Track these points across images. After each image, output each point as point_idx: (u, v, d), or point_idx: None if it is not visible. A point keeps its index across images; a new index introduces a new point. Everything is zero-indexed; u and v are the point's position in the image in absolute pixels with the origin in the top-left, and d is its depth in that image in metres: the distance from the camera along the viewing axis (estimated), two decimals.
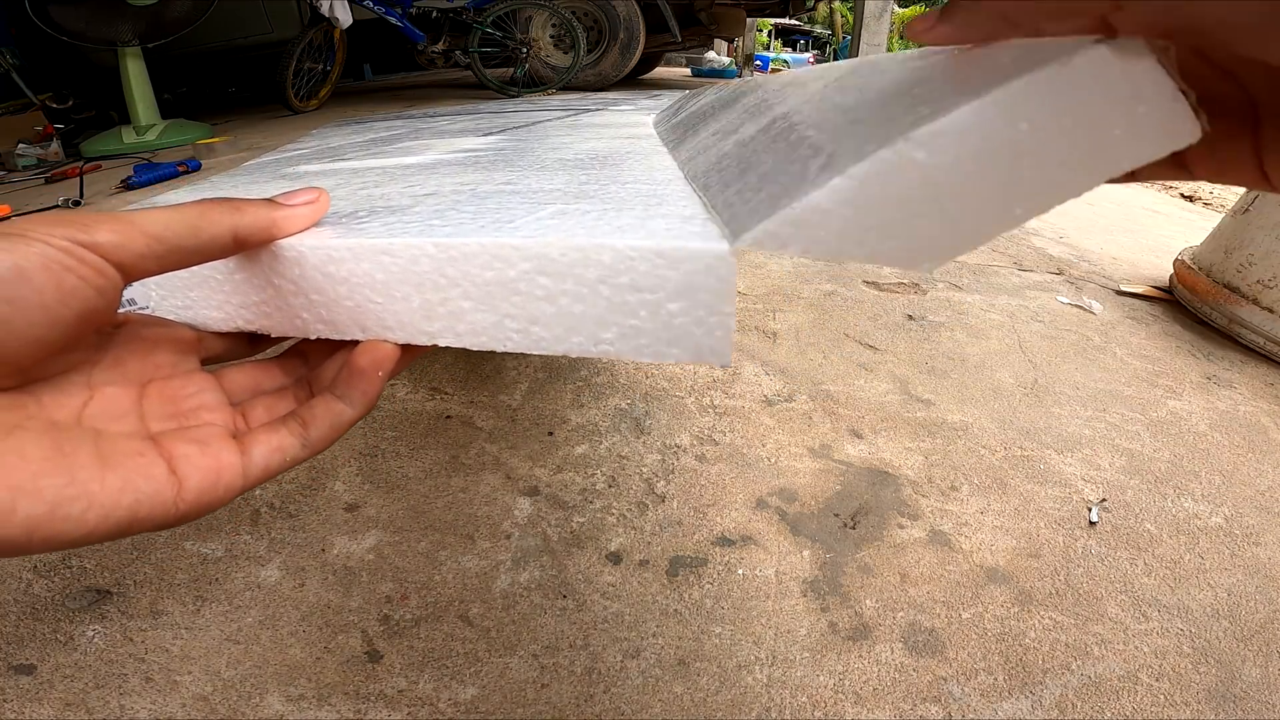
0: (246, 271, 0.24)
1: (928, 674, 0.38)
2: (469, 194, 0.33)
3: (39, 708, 0.35)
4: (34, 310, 0.16)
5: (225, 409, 0.23)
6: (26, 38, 2.75)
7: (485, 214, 0.27)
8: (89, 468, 0.17)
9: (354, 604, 0.41)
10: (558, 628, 0.39)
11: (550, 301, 0.23)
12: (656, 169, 0.40)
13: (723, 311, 0.21)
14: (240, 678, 0.37)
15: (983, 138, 0.16)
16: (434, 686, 0.36)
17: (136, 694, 0.36)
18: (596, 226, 0.23)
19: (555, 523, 0.48)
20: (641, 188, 0.32)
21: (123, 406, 0.20)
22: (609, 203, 0.28)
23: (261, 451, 0.21)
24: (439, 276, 0.23)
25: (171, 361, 0.23)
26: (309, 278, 0.24)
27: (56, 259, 0.16)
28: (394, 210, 0.29)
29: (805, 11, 4.90)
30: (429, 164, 0.55)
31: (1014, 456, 0.59)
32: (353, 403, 0.23)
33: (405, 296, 0.23)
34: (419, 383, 0.64)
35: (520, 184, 0.36)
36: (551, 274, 0.22)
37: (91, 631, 0.39)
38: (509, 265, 0.22)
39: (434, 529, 0.46)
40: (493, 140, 0.84)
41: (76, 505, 0.16)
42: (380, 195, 0.36)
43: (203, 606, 0.41)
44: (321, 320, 0.25)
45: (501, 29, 2.87)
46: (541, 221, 0.24)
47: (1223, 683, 0.39)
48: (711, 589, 0.43)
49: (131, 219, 0.18)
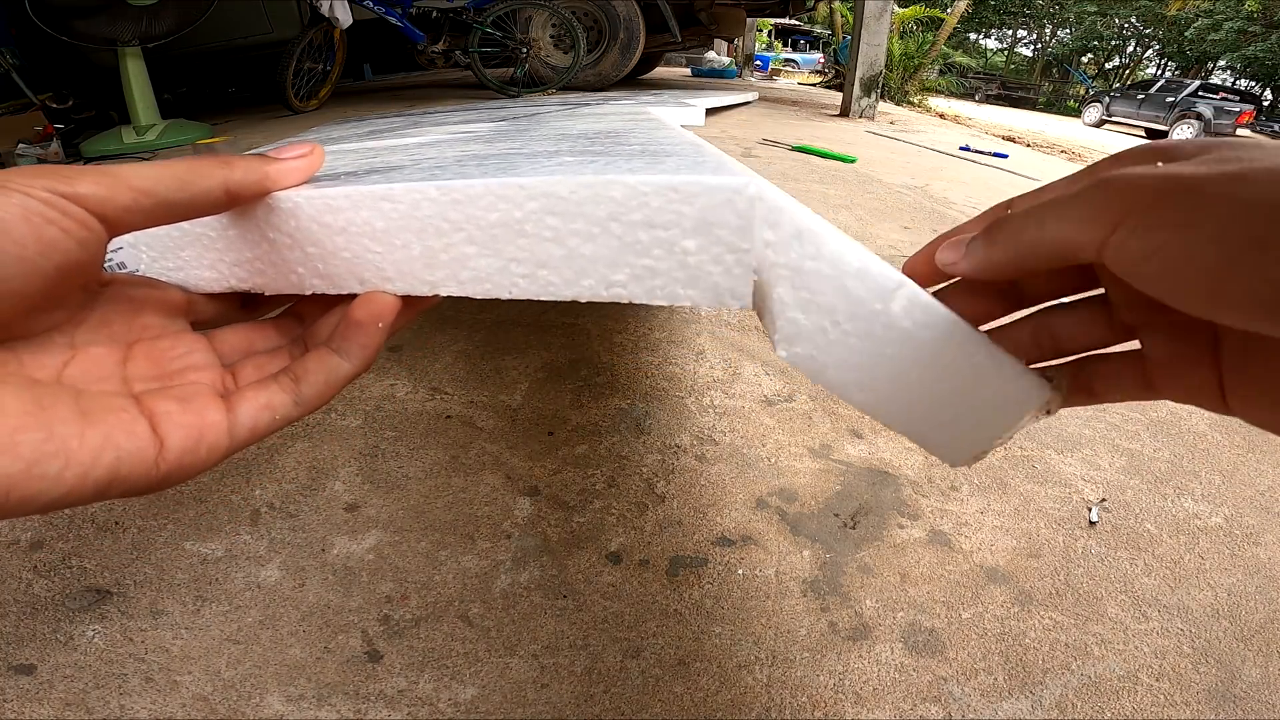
0: (240, 227, 0.23)
1: (928, 674, 0.38)
2: (472, 159, 0.32)
3: (39, 708, 0.35)
4: (12, 262, 0.15)
5: (215, 369, 0.22)
6: (26, 38, 2.75)
7: (489, 166, 0.26)
8: (69, 423, 0.16)
9: (354, 604, 0.41)
10: (558, 628, 0.39)
11: (559, 243, 0.21)
12: (665, 137, 0.39)
13: (741, 249, 0.20)
14: (240, 678, 0.37)
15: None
16: (434, 686, 0.36)
17: (136, 694, 0.36)
18: (605, 171, 0.22)
19: (555, 523, 0.48)
20: (650, 148, 0.31)
21: (106, 367, 0.19)
22: (617, 156, 0.27)
23: (249, 409, 0.20)
24: (442, 221, 0.22)
25: (160, 323, 0.22)
26: (305, 229, 0.23)
27: (37, 210, 0.16)
28: (394, 168, 0.28)
29: (805, 11, 4.90)
30: (430, 142, 0.54)
31: (1014, 456, 0.59)
32: (350, 357, 0.22)
33: (406, 244, 0.22)
34: (419, 383, 0.64)
35: (524, 150, 0.35)
36: (560, 213, 0.21)
37: (91, 631, 0.39)
38: (515, 205, 0.21)
39: (434, 529, 0.46)
40: (493, 125, 0.83)
41: (54, 463, 0.15)
42: (381, 162, 0.34)
43: (203, 606, 0.41)
44: (318, 275, 0.23)
45: (501, 29, 2.87)
46: (548, 170, 0.23)
47: (1223, 683, 0.39)
48: (711, 589, 0.43)
49: (117, 172, 0.17)
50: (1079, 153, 3.92)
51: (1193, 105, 9.92)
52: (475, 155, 0.33)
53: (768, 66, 6.73)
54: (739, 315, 0.82)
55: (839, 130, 2.21)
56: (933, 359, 0.19)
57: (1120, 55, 20.32)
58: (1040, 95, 17.68)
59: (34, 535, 0.47)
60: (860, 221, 1.17)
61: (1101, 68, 20.73)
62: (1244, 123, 9.24)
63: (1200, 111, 9.74)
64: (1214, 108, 9.66)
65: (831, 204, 1.25)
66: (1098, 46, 20.02)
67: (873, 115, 2.69)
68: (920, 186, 1.43)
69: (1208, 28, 15.23)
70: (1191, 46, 16.14)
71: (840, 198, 1.30)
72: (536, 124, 0.78)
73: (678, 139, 0.38)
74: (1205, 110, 9.69)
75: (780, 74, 6.95)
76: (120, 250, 0.28)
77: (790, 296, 0.20)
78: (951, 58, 6.95)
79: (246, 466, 0.52)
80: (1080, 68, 20.52)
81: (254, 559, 0.44)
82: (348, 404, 0.60)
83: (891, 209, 1.24)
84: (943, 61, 6.50)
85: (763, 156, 1.66)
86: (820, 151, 1.73)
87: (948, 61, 6.71)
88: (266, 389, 0.21)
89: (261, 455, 0.53)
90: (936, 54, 6.13)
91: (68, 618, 0.41)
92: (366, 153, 0.44)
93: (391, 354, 0.69)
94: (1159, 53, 19.08)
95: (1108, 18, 18.14)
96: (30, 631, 0.40)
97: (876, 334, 0.19)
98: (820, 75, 7.43)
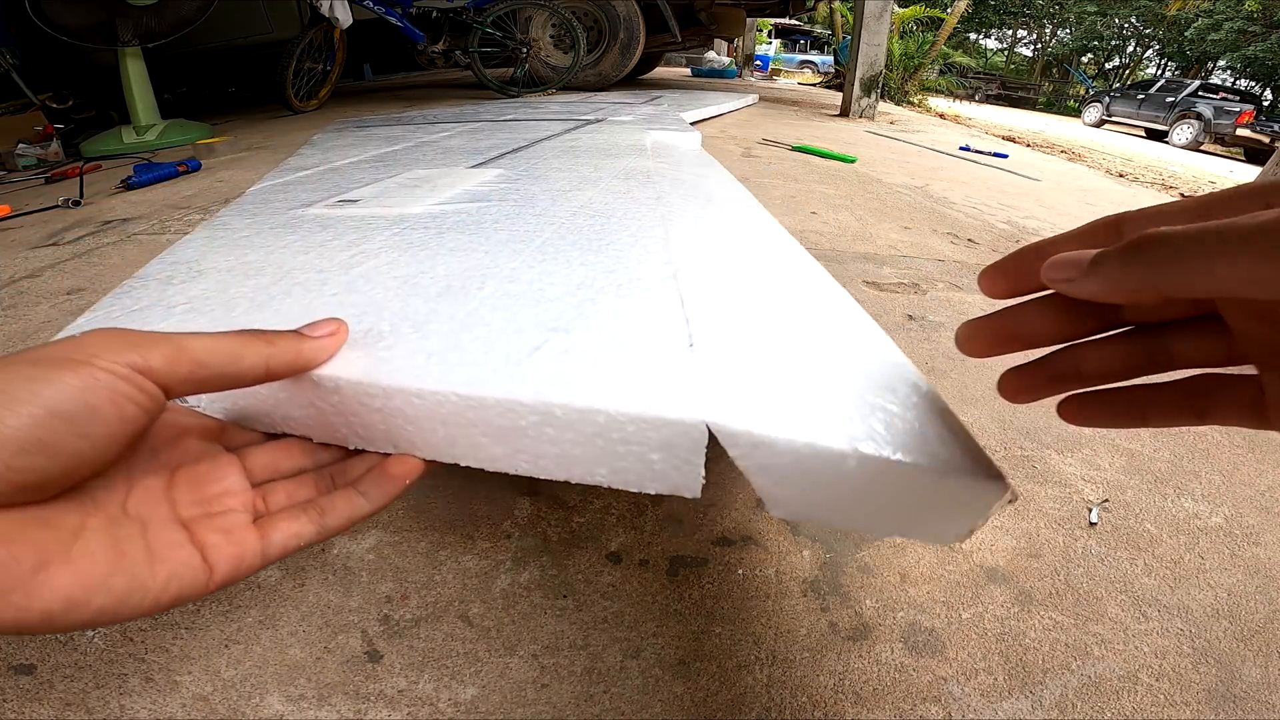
0: (290, 391, 0.27)
1: (928, 674, 0.38)
2: (479, 298, 0.39)
3: (39, 708, 0.35)
4: (101, 439, 0.19)
5: (247, 493, 0.25)
6: (26, 38, 2.74)
7: (496, 339, 0.32)
8: (143, 564, 0.20)
9: (354, 604, 0.41)
10: (558, 628, 0.39)
11: (554, 444, 0.27)
12: (646, 253, 0.47)
13: (694, 461, 0.27)
14: (240, 677, 0.37)
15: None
16: (434, 686, 0.36)
17: (137, 694, 0.36)
18: (593, 375, 0.28)
19: (555, 522, 0.48)
20: (632, 298, 0.38)
21: (157, 494, 0.23)
22: (603, 332, 0.33)
23: (280, 538, 0.24)
24: (460, 417, 0.27)
25: (199, 447, 0.26)
26: (347, 404, 0.27)
27: (121, 390, 0.19)
28: (416, 325, 0.34)
29: (805, 11, 4.90)
30: (430, 217, 0.63)
31: (1014, 456, 0.59)
32: (373, 500, 0.26)
33: (432, 428, 0.27)
34: None
35: (521, 278, 0.43)
36: (555, 426, 0.26)
37: (91, 632, 0.39)
38: (519, 416, 0.27)
39: (434, 528, 0.46)
40: (489, 179, 0.89)
41: (137, 596, 0.19)
42: (395, 287, 0.41)
43: (202, 607, 0.41)
44: (358, 436, 0.28)
45: (501, 29, 2.87)
46: (549, 361, 0.30)
47: (1223, 683, 0.39)
48: (712, 589, 0.43)
49: (181, 343, 0.21)
50: (1079, 152, 3.92)
51: (1193, 105, 9.92)
52: (480, 288, 0.41)
53: (768, 66, 6.74)
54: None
55: (839, 130, 2.21)
56: (899, 492, 0.23)
57: (1120, 55, 20.30)
58: (1040, 95, 17.67)
59: None
60: (860, 221, 1.17)
61: (1101, 68, 20.71)
62: (1244, 123, 9.23)
63: (1200, 111, 9.74)
64: (1214, 107, 9.66)
65: (832, 204, 1.25)
66: (1098, 46, 20.00)
67: (873, 115, 2.68)
68: (920, 186, 1.43)
69: (1207, 27, 15.22)
70: (1191, 46, 16.13)
71: (840, 198, 1.30)
72: (533, 179, 0.87)
73: (659, 269, 0.46)
74: (1205, 110, 9.69)
75: (780, 74, 6.95)
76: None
77: (763, 480, 0.25)
78: (951, 58, 6.94)
79: None
80: (1080, 68, 20.50)
81: None
82: None
83: (891, 209, 1.24)
84: (943, 61, 6.49)
85: (762, 156, 1.65)
86: (820, 151, 1.73)
87: (948, 61, 6.70)
88: (296, 520, 0.25)
89: None
90: (936, 54, 6.13)
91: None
92: (377, 244, 0.53)
93: None
94: (1159, 53, 19.05)
95: (1108, 18, 18.12)
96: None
97: (843, 488, 0.23)
98: (820, 75, 7.43)
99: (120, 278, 0.93)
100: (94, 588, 0.18)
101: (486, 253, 0.53)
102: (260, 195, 0.99)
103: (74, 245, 1.10)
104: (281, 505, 0.26)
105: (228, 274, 0.56)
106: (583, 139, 1.32)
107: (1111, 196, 1.80)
